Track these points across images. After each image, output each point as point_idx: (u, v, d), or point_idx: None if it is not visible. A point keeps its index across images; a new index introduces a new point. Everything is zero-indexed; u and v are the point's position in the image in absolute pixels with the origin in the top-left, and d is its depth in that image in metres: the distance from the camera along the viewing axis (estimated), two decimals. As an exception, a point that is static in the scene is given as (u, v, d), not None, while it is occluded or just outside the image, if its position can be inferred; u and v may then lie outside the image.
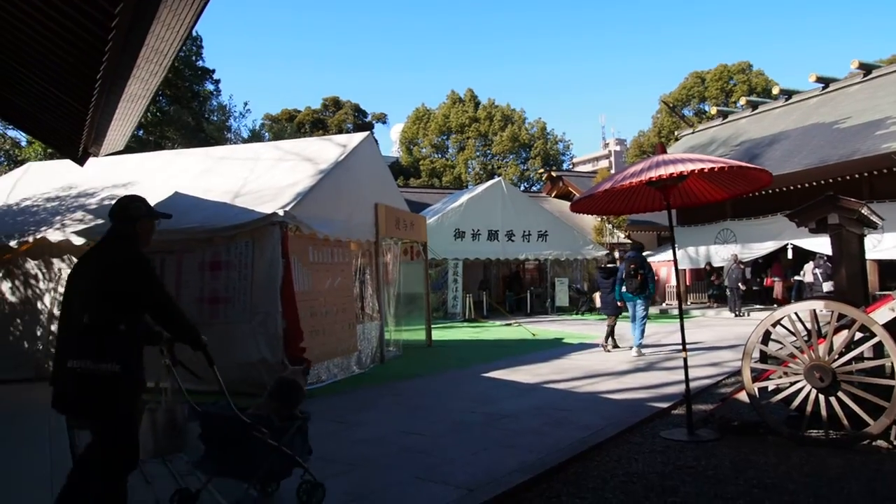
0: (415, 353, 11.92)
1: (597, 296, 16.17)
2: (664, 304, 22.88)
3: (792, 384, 5.30)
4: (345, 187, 9.72)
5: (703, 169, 5.23)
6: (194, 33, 25.82)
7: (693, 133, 26.98)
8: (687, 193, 6.32)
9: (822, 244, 17.18)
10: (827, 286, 15.99)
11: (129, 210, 3.42)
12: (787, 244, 18.96)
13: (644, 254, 18.19)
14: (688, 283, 23.46)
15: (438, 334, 14.19)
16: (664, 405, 6.78)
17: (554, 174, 33.26)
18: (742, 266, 19.51)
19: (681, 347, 6.12)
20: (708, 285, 22.39)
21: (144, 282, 3.23)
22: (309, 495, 3.88)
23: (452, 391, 8.09)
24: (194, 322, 3.47)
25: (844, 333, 5.16)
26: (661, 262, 23.51)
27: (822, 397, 5.08)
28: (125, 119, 7.82)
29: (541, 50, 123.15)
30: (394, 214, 11.41)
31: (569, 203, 31.95)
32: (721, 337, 12.98)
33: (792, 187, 17.37)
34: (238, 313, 8.00)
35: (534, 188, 42.17)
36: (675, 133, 31.04)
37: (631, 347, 10.89)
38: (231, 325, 7.98)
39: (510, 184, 23.32)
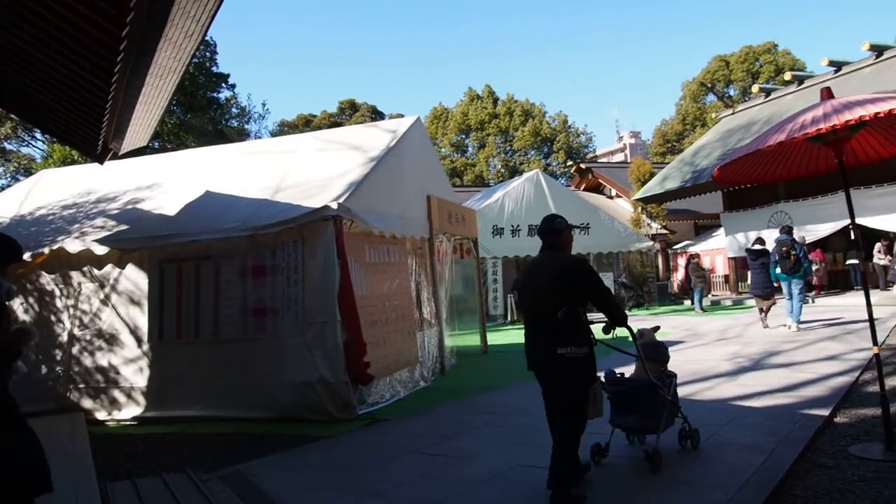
0: (473, 361, 10.72)
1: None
2: (710, 296, 21.36)
3: None
4: (397, 177, 8.55)
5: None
6: (208, 38, 24.75)
7: (733, 114, 25.52)
8: (855, 151, 5.07)
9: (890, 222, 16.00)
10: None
11: (556, 225, 4.18)
12: (848, 224, 17.62)
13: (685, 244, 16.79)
14: (734, 273, 22.02)
15: (489, 338, 12.94)
16: (820, 412, 5.55)
17: (583, 166, 31.97)
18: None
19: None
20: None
21: (591, 279, 4.02)
22: (689, 439, 4.62)
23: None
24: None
25: None
26: (707, 251, 22.23)
27: None
28: (151, 104, 6.69)
29: (553, 41, 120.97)
30: (446, 208, 10.21)
31: (599, 195, 30.36)
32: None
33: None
34: (289, 326, 6.82)
35: (558, 182, 40.82)
36: (714, 115, 29.69)
37: (788, 326, 11.18)
38: (282, 339, 6.81)
39: (548, 176, 21.90)
